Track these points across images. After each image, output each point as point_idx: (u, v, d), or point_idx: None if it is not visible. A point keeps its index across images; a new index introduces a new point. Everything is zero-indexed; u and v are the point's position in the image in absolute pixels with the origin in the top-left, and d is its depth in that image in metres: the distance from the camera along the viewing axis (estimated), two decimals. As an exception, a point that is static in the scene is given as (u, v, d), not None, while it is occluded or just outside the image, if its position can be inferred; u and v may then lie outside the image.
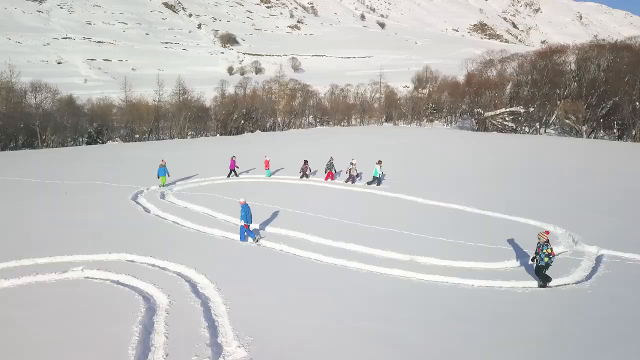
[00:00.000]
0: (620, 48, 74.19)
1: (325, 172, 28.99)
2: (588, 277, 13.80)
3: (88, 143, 55.15)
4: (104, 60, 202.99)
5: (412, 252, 15.60)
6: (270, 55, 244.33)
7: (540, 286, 13.06)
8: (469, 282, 13.40)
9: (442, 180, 29.36)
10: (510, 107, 67.98)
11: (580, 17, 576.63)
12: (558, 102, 69.50)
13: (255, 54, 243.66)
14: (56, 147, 54.11)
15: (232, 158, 29.96)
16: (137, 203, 22.42)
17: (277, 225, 18.69)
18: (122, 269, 14.04)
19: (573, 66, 73.50)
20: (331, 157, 29.39)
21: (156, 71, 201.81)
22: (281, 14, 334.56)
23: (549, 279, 13.12)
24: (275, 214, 20.46)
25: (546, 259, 12.87)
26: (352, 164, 27.67)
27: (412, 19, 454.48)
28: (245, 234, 16.86)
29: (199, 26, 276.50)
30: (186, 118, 58.13)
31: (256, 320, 10.86)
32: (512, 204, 22.68)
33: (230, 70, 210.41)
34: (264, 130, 69.68)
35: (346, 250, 15.97)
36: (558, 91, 70.95)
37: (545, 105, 66.87)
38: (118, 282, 13.16)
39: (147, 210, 21.17)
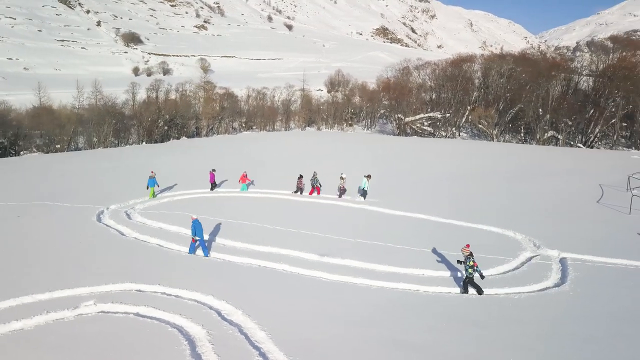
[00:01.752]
0: (519, 58, 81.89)
1: (312, 186, 28.83)
2: (562, 279, 15.83)
3: (0, 155, 50.34)
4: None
5: (408, 265, 16.81)
6: (177, 56, 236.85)
7: (478, 292, 14.63)
8: (470, 290, 14.83)
9: (401, 189, 30.60)
10: (428, 112, 72.56)
11: (471, 25, 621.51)
12: (468, 107, 75.44)
13: (162, 54, 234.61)
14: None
15: (211, 172, 29.47)
16: (107, 225, 21.54)
17: (268, 243, 18.99)
18: (135, 300, 13.75)
19: (479, 74, 79.91)
20: (315, 172, 29.21)
21: (52, 71, 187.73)
22: (186, 13, 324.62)
23: (466, 290, 14.76)
24: (258, 232, 20.71)
25: (470, 270, 14.55)
26: (342, 178, 28.00)
27: (317, 22, 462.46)
28: (197, 245, 18.18)
29: (99, 23, 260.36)
30: (110, 126, 55.02)
31: (302, 344, 11.35)
32: (469, 211, 24.71)
33: (136, 71, 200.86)
34: (189, 137, 68.06)
35: (346, 267, 16.78)
36: (466, 97, 76.90)
37: (459, 110, 72.25)
38: (139, 315, 12.93)
39: (121, 233, 20.47)
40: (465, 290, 14.76)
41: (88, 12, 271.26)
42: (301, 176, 29.14)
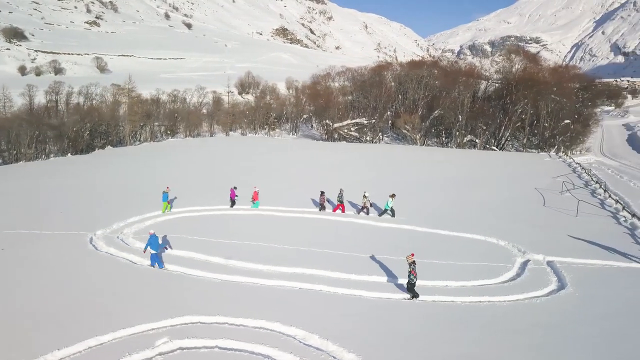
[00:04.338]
0: (431, 66, 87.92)
1: (338, 202, 28.79)
2: (561, 282, 18.35)
3: None
4: None
5: (433, 278, 18.44)
6: (69, 54, 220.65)
7: (412, 297, 16.67)
8: (496, 298, 16.81)
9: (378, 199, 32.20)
10: (355, 119, 75.69)
11: (366, 27, 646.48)
12: (388, 112, 79.79)
13: (51, 52, 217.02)
14: None
15: (232, 189, 29.47)
16: (110, 254, 20.78)
17: (292, 264, 19.63)
18: (205, 332, 13.98)
19: (398, 81, 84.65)
20: (341, 189, 29.21)
21: None
22: (76, 7, 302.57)
23: (416, 295, 16.73)
24: (272, 252, 21.14)
25: (411, 276, 16.58)
26: (365, 196, 28.33)
27: (216, 21, 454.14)
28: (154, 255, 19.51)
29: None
30: (33, 137, 50.51)
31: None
32: (451, 220, 26.92)
33: (22, 70, 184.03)
34: (114, 146, 64.69)
35: (378, 284, 18.06)
36: (387, 103, 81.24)
37: (383, 116, 76.18)
38: (222, 348, 13.24)
39: (132, 262, 19.97)
40: (413, 296, 16.61)
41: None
42: (323, 193, 29.05)
